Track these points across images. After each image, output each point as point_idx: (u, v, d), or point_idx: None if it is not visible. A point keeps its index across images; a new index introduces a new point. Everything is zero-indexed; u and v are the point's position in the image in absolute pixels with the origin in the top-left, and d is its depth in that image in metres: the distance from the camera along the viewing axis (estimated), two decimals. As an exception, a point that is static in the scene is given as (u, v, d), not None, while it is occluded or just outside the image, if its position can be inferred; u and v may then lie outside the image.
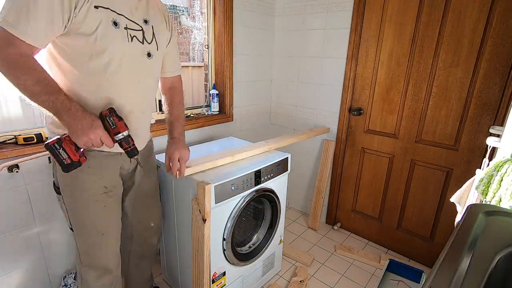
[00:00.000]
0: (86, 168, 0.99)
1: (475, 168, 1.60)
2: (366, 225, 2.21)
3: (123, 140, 0.95)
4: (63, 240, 1.47)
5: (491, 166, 0.96)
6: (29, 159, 1.22)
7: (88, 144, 0.89)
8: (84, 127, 0.86)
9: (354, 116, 2.07)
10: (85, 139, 0.87)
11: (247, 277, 1.59)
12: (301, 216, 2.51)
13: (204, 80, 2.17)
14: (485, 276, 0.53)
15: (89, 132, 0.87)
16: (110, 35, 0.90)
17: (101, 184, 1.04)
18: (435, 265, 0.57)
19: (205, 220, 1.21)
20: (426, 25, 1.68)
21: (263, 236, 1.64)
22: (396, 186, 2.00)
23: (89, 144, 0.89)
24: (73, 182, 1.00)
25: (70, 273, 1.50)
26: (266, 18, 2.25)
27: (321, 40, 2.11)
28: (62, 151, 0.88)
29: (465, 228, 0.68)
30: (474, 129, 1.64)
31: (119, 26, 0.92)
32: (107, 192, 1.06)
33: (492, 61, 1.53)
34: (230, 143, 1.85)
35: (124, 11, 0.93)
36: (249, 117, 2.35)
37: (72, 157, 0.90)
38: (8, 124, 1.27)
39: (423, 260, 1.97)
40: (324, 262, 1.97)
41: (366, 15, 1.88)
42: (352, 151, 2.17)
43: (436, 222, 1.87)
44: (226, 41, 1.97)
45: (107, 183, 1.06)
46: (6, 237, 1.28)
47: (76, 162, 0.91)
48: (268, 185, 1.51)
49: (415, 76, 1.78)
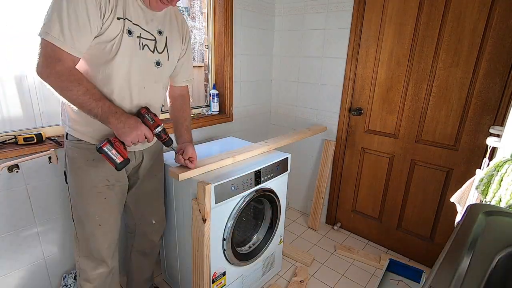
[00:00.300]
0: (91, 160, 1.06)
1: (475, 168, 1.60)
2: (366, 225, 2.21)
3: (161, 132, 1.08)
4: (63, 240, 1.47)
5: (491, 166, 0.96)
6: (29, 159, 1.22)
7: (135, 140, 0.99)
8: (131, 126, 0.97)
9: (354, 116, 2.07)
10: (133, 136, 0.98)
11: (247, 277, 1.59)
12: (301, 216, 2.51)
13: (204, 80, 2.17)
14: (485, 276, 0.53)
15: (136, 130, 0.98)
16: (123, 42, 0.97)
17: (103, 176, 1.10)
18: (435, 265, 0.57)
19: (205, 220, 1.21)
20: (426, 25, 1.68)
21: (263, 236, 1.64)
22: (396, 186, 2.00)
23: (135, 141, 0.99)
24: (78, 173, 1.07)
25: (70, 273, 1.50)
26: (266, 18, 2.25)
27: (321, 40, 2.11)
28: (114, 151, 0.98)
29: (465, 228, 0.68)
30: (474, 129, 1.64)
31: (132, 34, 0.99)
32: (109, 185, 1.12)
33: (492, 61, 1.53)
34: (230, 143, 1.85)
35: (140, 21, 1.01)
36: (249, 117, 2.35)
37: (123, 155, 1.00)
38: (8, 124, 1.27)
39: (423, 260, 1.97)
40: (324, 262, 1.97)
41: (366, 15, 1.88)
42: (352, 151, 2.17)
43: (436, 222, 1.87)
44: (226, 41, 1.97)
45: (109, 176, 1.11)
46: (6, 237, 1.28)
47: (127, 159, 1.01)
48: (268, 185, 1.51)
49: (415, 76, 1.78)
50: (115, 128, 0.96)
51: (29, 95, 1.31)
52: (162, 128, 1.08)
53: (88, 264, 1.15)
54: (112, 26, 0.94)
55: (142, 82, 1.07)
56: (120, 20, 0.95)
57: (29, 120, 1.33)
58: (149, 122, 1.04)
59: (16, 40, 1.24)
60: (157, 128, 1.06)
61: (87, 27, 0.89)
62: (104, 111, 0.94)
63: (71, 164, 1.08)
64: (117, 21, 0.95)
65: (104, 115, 0.94)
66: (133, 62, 1.02)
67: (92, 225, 1.11)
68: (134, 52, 1.01)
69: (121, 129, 0.96)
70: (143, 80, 1.07)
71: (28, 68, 1.29)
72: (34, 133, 1.26)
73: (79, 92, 0.90)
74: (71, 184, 1.10)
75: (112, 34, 0.95)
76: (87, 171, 1.07)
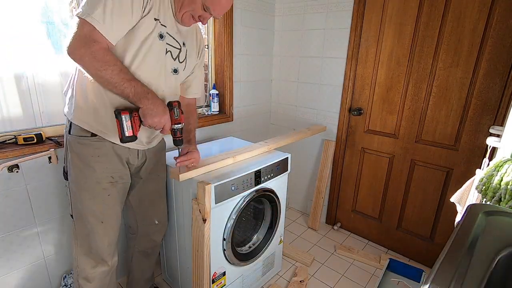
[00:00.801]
0: (96, 156, 1.06)
1: (475, 168, 1.60)
2: (366, 225, 2.21)
3: (178, 130, 1.08)
4: (63, 240, 1.47)
5: (491, 166, 0.96)
6: (29, 159, 1.22)
7: (154, 125, 0.98)
8: (159, 111, 0.97)
9: (354, 116, 2.07)
10: (156, 121, 0.97)
11: (247, 277, 1.59)
12: (301, 216, 2.51)
13: (204, 80, 2.17)
14: (485, 276, 0.53)
15: (161, 116, 0.98)
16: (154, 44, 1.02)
17: (108, 173, 1.10)
18: (435, 265, 0.57)
19: (205, 220, 1.21)
20: (426, 25, 1.68)
21: (263, 236, 1.64)
22: (396, 186, 2.00)
23: (154, 125, 0.99)
24: (83, 169, 1.06)
25: (70, 273, 1.50)
26: (266, 18, 2.25)
27: (321, 40, 2.11)
28: (129, 123, 0.97)
29: (465, 228, 0.68)
30: (474, 129, 1.64)
31: (163, 39, 1.04)
32: (113, 182, 1.12)
33: (492, 61, 1.53)
34: (230, 143, 1.85)
35: (171, 30, 1.07)
36: (249, 117, 2.35)
37: (134, 131, 0.99)
38: (8, 124, 1.27)
39: (423, 260, 1.97)
40: (324, 262, 1.97)
41: (366, 15, 1.88)
42: (352, 151, 2.17)
43: (436, 222, 1.87)
44: (226, 41, 1.97)
45: (114, 173, 1.11)
46: (6, 237, 1.28)
47: (134, 137, 0.99)
48: (268, 185, 1.51)
49: (415, 76, 1.78)
50: (144, 107, 0.96)
51: (29, 95, 1.31)
52: (182, 126, 1.09)
53: (87, 262, 1.15)
54: (147, 24, 0.97)
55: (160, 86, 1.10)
56: (156, 22, 0.99)
57: (29, 120, 1.33)
58: (173, 116, 1.05)
59: (16, 40, 1.24)
60: (178, 125, 1.07)
61: (129, 16, 0.92)
62: (137, 92, 0.95)
63: (75, 160, 1.07)
64: (153, 21, 0.99)
65: (137, 95, 0.95)
66: (156, 65, 1.05)
67: (93, 221, 1.11)
68: (159, 56, 1.05)
69: (150, 110, 0.96)
70: (161, 84, 1.10)
71: (28, 68, 1.29)
72: (34, 133, 1.25)
73: (114, 72, 0.91)
74: (73, 179, 1.09)
75: (144, 32, 0.98)
76: (92, 167, 1.06)
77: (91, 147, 1.05)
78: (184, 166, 1.24)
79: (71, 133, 1.07)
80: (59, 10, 1.34)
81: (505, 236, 0.65)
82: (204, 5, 1.02)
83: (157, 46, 1.03)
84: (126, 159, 1.15)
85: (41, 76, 1.33)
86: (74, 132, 1.06)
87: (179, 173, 1.19)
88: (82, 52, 0.88)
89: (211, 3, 1.01)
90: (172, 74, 1.14)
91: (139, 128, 1.01)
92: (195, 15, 1.05)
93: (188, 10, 1.03)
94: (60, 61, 1.37)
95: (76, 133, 1.06)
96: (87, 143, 1.05)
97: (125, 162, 1.15)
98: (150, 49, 1.01)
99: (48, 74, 1.35)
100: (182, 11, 1.04)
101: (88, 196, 1.08)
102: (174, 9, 1.05)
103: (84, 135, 1.05)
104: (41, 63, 1.32)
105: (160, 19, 1.01)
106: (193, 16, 1.06)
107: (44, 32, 1.32)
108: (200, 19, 1.07)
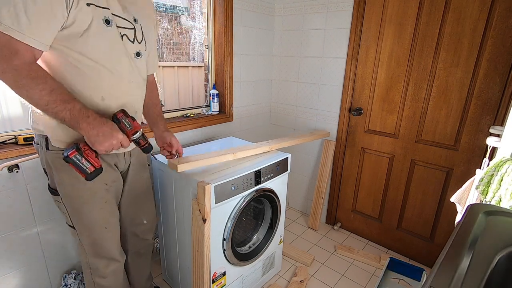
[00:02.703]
0: None
1: (475, 168, 1.60)
2: (366, 225, 2.21)
3: (140, 138, 0.96)
4: (63, 240, 1.47)
5: (491, 166, 0.96)
6: (29, 159, 1.23)
7: (109, 149, 0.87)
8: (105, 134, 0.85)
9: (354, 116, 2.07)
10: (107, 145, 0.86)
11: (247, 277, 1.59)
12: (301, 216, 2.51)
13: (204, 80, 2.17)
14: (485, 276, 0.53)
15: (111, 138, 0.86)
16: (101, 34, 0.87)
17: (102, 181, 1.05)
18: (435, 265, 0.57)
19: (205, 220, 1.21)
20: (426, 25, 1.68)
21: (263, 236, 1.64)
22: (396, 186, 2.00)
23: (110, 149, 0.88)
24: (76, 184, 1.01)
25: (70, 273, 1.50)
26: (266, 18, 2.25)
27: (321, 40, 2.11)
28: (84, 160, 0.87)
29: (465, 228, 0.68)
30: (474, 129, 1.64)
31: (111, 24, 0.89)
32: (107, 188, 1.09)
33: (492, 61, 1.53)
34: (230, 143, 1.85)
35: (116, 10, 0.90)
36: (249, 117, 2.35)
37: (95, 165, 0.89)
38: (8, 124, 1.27)
39: (423, 260, 1.97)
40: (324, 262, 1.97)
41: (366, 15, 1.88)
42: (352, 151, 2.17)
43: (436, 222, 1.87)
44: (226, 41, 1.97)
45: (106, 179, 1.07)
46: (6, 237, 1.28)
47: (99, 169, 0.90)
48: (268, 185, 1.51)
49: (415, 76, 1.78)
50: (87, 135, 0.83)
51: (29, 95, 1.31)
52: (141, 133, 0.96)
53: (100, 263, 1.14)
54: (82, 14, 0.81)
55: (129, 76, 0.99)
56: (90, 7, 0.83)
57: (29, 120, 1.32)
58: (126, 128, 0.92)
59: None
60: (135, 134, 0.95)
61: (49, 12, 0.75)
62: (74, 115, 0.81)
63: (64, 178, 0.98)
64: (87, 7, 0.82)
65: (73, 119, 0.81)
66: (116, 55, 0.92)
67: (98, 229, 1.09)
68: (114, 44, 0.91)
69: (94, 137, 0.83)
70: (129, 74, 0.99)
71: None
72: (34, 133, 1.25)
73: (43, 91, 0.76)
74: (67, 196, 1.02)
75: (83, 24, 0.82)
76: (83, 181, 0.97)
77: None
78: None
79: (49, 148, 0.96)
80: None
81: (505, 236, 0.65)
82: None
83: (107, 35, 0.88)
84: (115, 163, 1.11)
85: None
86: (54, 148, 0.96)
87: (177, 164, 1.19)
88: (3, 67, 0.73)
89: None
90: (136, 59, 1.01)
91: (98, 159, 0.90)
92: None
93: None
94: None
95: (55, 148, 0.96)
96: None
97: (114, 165, 1.11)
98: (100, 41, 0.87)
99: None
100: None
101: (88, 209, 1.04)
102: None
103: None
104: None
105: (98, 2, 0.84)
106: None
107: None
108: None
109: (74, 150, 0.85)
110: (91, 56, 0.88)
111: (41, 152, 1.01)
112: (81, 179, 0.96)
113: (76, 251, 1.53)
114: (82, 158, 0.86)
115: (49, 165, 1.00)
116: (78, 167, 0.86)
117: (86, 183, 0.99)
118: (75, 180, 0.99)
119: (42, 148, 0.98)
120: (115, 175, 1.12)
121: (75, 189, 1.01)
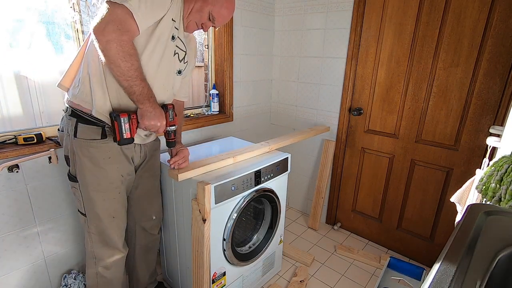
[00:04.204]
0: (107, 158, 1.08)
1: (475, 168, 1.60)
2: (366, 225, 2.21)
3: (172, 132, 1.12)
4: (63, 240, 1.47)
5: (491, 166, 0.96)
6: (29, 159, 1.23)
7: (150, 127, 1.02)
8: (157, 113, 1.01)
9: (354, 116, 2.07)
10: (152, 124, 1.01)
11: (247, 277, 1.59)
12: (301, 216, 2.51)
13: (204, 80, 2.17)
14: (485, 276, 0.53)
15: (157, 120, 1.01)
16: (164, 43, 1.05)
17: (119, 172, 1.14)
18: (435, 265, 0.57)
19: (205, 220, 1.21)
20: (426, 25, 1.68)
21: (263, 236, 1.64)
22: (396, 186, 2.00)
23: (150, 127, 1.02)
24: (96, 172, 1.09)
25: (70, 273, 1.50)
26: (266, 18, 2.25)
27: (321, 40, 2.11)
28: (127, 126, 0.99)
29: (465, 228, 0.68)
30: (474, 129, 1.64)
31: (175, 40, 1.09)
32: (123, 180, 1.17)
33: (492, 61, 1.53)
34: (230, 143, 1.85)
35: (181, 33, 1.12)
36: (249, 117, 2.35)
37: (132, 133, 1.01)
38: (8, 124, 1.27)
39: (423, 260, 1.97)
40: (324, 262, 1.97)
41: (366, 15, 1.88)
42: (352, 151, 2.17)
43: (436, 222, 1.87)
44: (226, 41, 1.97)
45: (123, 171, 1.16)
46: (6, 237, 1.28)
47: (131, 139, 1.02)
48: (268, 185, 1.51)
49: (415, 76, 1.78)
50: (145, 110, 0.99)
51: (29, 95, 1.31)
52: (175, 129, 1.12)
53: (105, 252, 1.20)
54: (165, 22, 1.01)
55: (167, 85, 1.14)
56: (173, 22, 1.04)
57: (29, 120, 1.33)
58: (168, 118, 1.08)
59: (15, 40, 1.24)
60: (172, 127, 1.10)
61: (157, 10, 0.95)
62: (144, 93, 0.97)
63: (87, 164, 1.07)
64: (171, 21, 1.03)
65: (142, 95, 0.97)
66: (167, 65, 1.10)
67: (107, 219, 1.15)
68: (168, 56, 1.09)
69: (149, 112, 0.99)
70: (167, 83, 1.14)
71: (28, 68, 1.29)
72: (34, 133, 1.26)
73: (133, 66, 0.92)
74: (85, 183, 1.09)
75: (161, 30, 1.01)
76: (104, 169, 1.09)
77: (102, 150, 1.07)
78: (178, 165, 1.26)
79: (77, 136, 1.05)
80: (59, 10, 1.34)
81: (505, 236, 0.65)
82: (210, 14, 1.09)
83: (169, 47, 1.07)
84: (132, 157, 1.20)
85: (41, 76, 1.33)
86: (82, 136, 1.05)
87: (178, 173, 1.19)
88: (112, 37, 0.88)
89: (217, 14, 1.10)
90: (177, 75, 1.19)
91: (136, 130, 1.03)
92: (199, 23, 1.12)
93: (195, 18, 1.10)
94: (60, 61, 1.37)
95: (83, 136, 1.05)
96: (98, 146, 1.06)
97: (131, 159, 1.20)
98: (164, 48, 1.05)
99: (48, 74, 1.35)
100: (190, 18, 1.10)
101: (102, 197, 1.12)
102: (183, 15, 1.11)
103: (93, 138, 1.05)
104: (41, 63, 1.32)
105: (176, 20, 1.06)
106: (197, 24, 1.13)
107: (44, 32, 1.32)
108: (203, 26, 1.14)
109: (125, 113, 0.99)
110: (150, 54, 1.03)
111: (67, 140, 1.10)
112: (100, 167, 1.08)
113: (75, 251, 1.53)
114: (127, 123, 0.99)
115: (73, 152, 1.08)
116: (120, 128, 0.98)
117: (107, 173, 1.10)
118: (96, 168, 1.08)
119: (69, 135, 1.08)
120: (130, 169, 1.19)
121: (95, 177, 1.09)
